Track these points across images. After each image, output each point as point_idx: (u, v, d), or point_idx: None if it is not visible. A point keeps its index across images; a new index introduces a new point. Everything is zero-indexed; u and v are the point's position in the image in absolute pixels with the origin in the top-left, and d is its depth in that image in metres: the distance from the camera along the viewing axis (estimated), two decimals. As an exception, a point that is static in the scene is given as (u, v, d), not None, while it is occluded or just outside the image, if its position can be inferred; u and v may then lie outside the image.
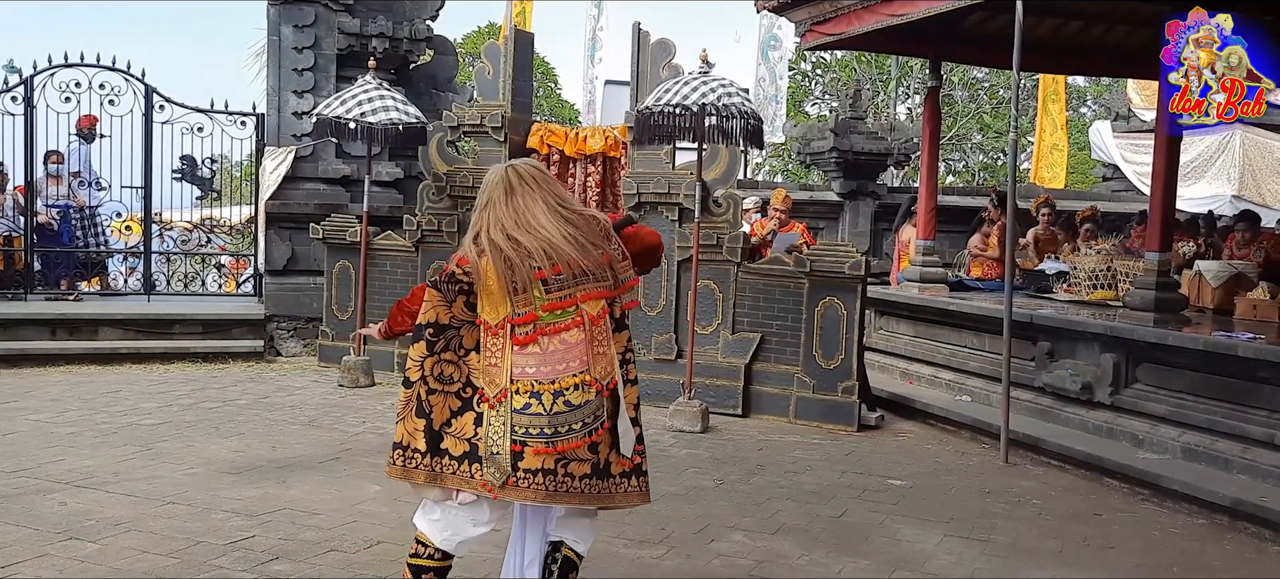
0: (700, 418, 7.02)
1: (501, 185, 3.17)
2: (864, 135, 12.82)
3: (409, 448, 3.14)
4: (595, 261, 3.12)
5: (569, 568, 3.32)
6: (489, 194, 3.19)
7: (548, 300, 3.08)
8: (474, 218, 3.22)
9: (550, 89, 29.07)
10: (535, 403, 3.04)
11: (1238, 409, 5.81)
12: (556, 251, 3.08)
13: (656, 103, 6.92)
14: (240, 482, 5.34)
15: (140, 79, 10.21)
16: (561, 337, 3.09)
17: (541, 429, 3.03)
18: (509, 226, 3.09)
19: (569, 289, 3.09)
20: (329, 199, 10.02)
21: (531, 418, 3.04)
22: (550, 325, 3.09)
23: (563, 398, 3.04)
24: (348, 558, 4.22)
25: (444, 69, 11.09)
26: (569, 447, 3.06)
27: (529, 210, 3.12)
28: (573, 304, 3.10)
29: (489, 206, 3.17)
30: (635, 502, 3.25)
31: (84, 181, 10.53)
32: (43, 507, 4.77)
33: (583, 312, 3.10)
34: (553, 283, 3.07)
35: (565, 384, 3.06)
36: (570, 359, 3.07)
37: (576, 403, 3.05)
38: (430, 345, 3.14)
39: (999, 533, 4.98)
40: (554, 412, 3.03)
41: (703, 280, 7.56)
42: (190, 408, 7.21)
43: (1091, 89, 27.74)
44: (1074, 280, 8.49)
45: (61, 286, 10.29)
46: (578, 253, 3.09)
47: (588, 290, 3.11)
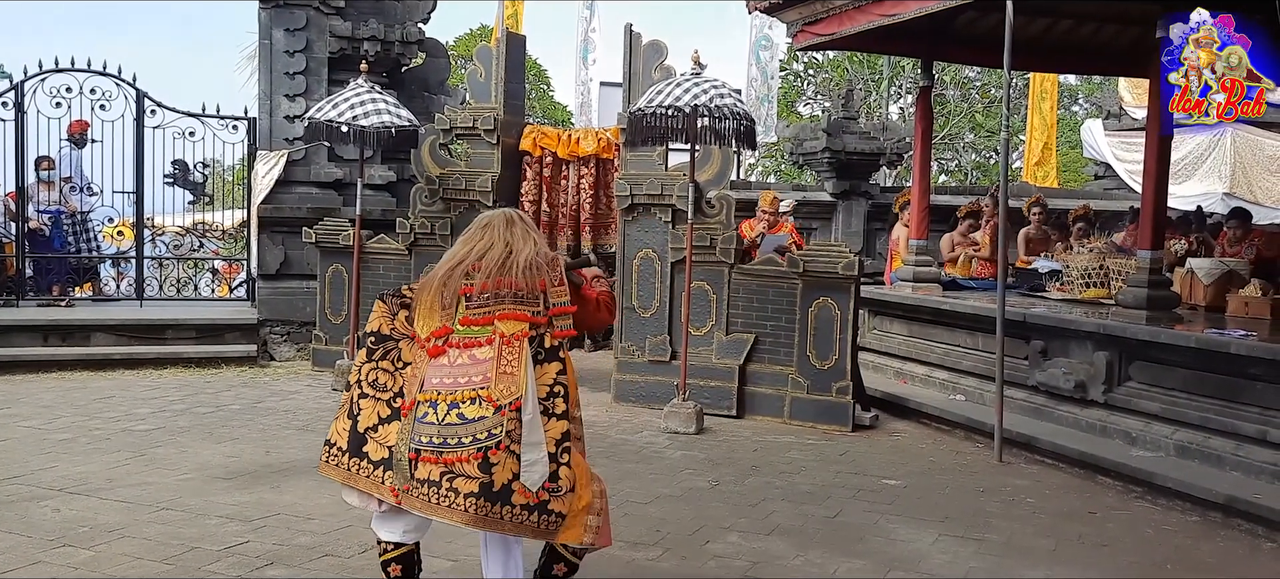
0: (695, 419, 7.02)
1: (504, 217, 3.40)
2: (856, 135, 12.83)
3: (334, 445, 3.29)
4: (528, 284, 3.23)
5: (553, 558, 3.44)
6: (490, 220, 3.39)
7: (466, 315, 3.20)
8: (468, 234, 3.39)
9: (542, 91, 29.05)
10: (431, 412, 3.12)
11: (1230, 406, 5.83)
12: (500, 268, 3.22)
13: (649, 104, 6.92)
14: (234, 487, 5.32)
15: (131, 84, 10.18)
16: (471, 351, 3.18)
17: (431, 439, 3.10)
18: (496, 247, 3.27)
19: (490, 307, 3.19)
20: (321, 203, 10.00)
21: (425, 427, 3.11)
22: (463, 339, 3.19)
23: (457, 410, 3.10)
24: (342, 563, 4.21)
25: (436, 72, 11.08)
26: (456, 459, 3.07)
27: (521, 240, 3.32)
28: (490, 321, 3.19)
29: (488, 228, 3.35)
30: (530, 535, 3.21)
31: (75, 187, 10.50)
32: (36, 513, 4.75)
33: (497, 330, 3.17)
34: (476, 299, 3.20)
35: (461, 397, 3.11)
36: (473, 373, 3.13)
37: (470, 417, 3.09)
38: (370, 352, 3.32)
39: (993, 532, 4.99)
40: (445, 422, 3.10)
41: (696, 282, 7.57)
42: (183, 413, 7.19)
43: (1083, 87, 27.82)
44: (1067, 279, 8.51)
45: (53, 292, 10.26)
46: (518, 272, 3.22)
47: (508, 310, 3.20)
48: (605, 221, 9.06)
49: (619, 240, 8.14)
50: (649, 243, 7.97)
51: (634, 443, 6.67)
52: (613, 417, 7.50)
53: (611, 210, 8.58)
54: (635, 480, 5.70)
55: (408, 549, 3.39)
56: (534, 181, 9.42)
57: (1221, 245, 9.21)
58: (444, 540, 3.95)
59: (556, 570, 3.46)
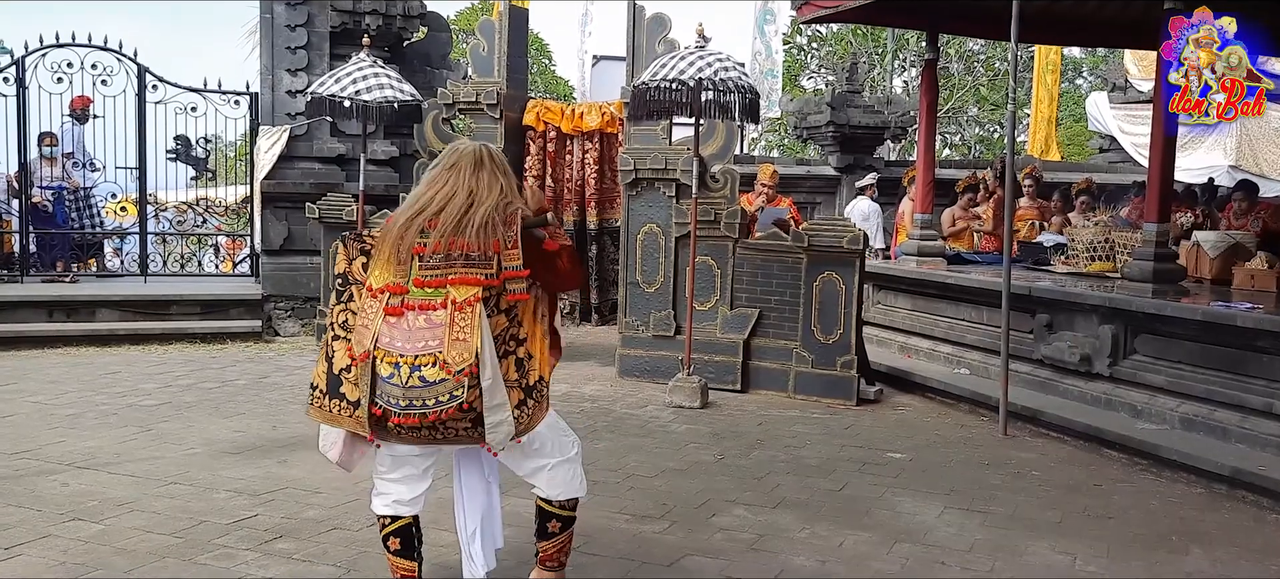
0: (699, 394, 7.03)
1: (473, 156, 3.30)
2: (860, 109, 12.79)
3: (316, 388, 3.30)
4: (481, 246, 3.14)
5: (545, 518, 3.50)
6: (458, 160, 3.29)
7: (419, 276, 3.14)
8: (431, 174, 3.31)
9: (544, 66, 28.93)
10: (396, 373, 3.10)
11: (1236, 379, 5.83)
12: (454, 230, 3.13)
13: (653, 78, 6.88)
14: (241, 461, 5.34)
15: (133, 59, 10.15)
16: (427, 314, 3.13)
17: (397, 400, 3.10)
18: (458, 196, 3.19)
19: (441, 270, 3.13)
20: (324, 178, 9.98)
21: (391, 388, 3.11)
22: (418, 301, 3.14)
23: (418, 373, 3.09)
24: (351, 536, 4.23)
25: (438, 46, 11.03)
26: (422, 419, 3.10)
27: (488, 188, 3.23)
28: (442, 284, 3.13)
29: (454, 170, 3.27)
30: None
31: (78, 163, 10.49)
32: (45, 488, 4.77)
33: (449, 295, 3.12)
34: (428, 260, 3.14)
35: (423, 361, 3.10)
36: (429, 337, 3.10)
37: (431, 379, 3.08)
38: (339, 295, 3.34)
39: (998, 504, 5.01)
40: (409, 385, 3.09)
41: (701, 256, 7.56)
42: (189, 389, 7.20)
43: (1088, 60, 27.68)
44: (1072, 252, 8.49)
45: (57, 268, 10.27)
46: (471, 234, 3.13)
47: (459, 275, 3.13)
48: (609, 196, 9.04)
49: (623, 215, 8.12)
50: (653, 217, 7.96)
51: (639, 417, 6.69)
52: (617, 391, 7.51)
53: (615, 185, 8.55)
54: (640, 454, 5.71)
55: (405, 522, 3.40)
56: (538, 156, 9.39)
57: (1227, 218, 9.18)
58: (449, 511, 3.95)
59: (551, 528, 3.51)
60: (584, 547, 4.16)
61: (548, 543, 3.53)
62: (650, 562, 4.03)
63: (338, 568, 3.87)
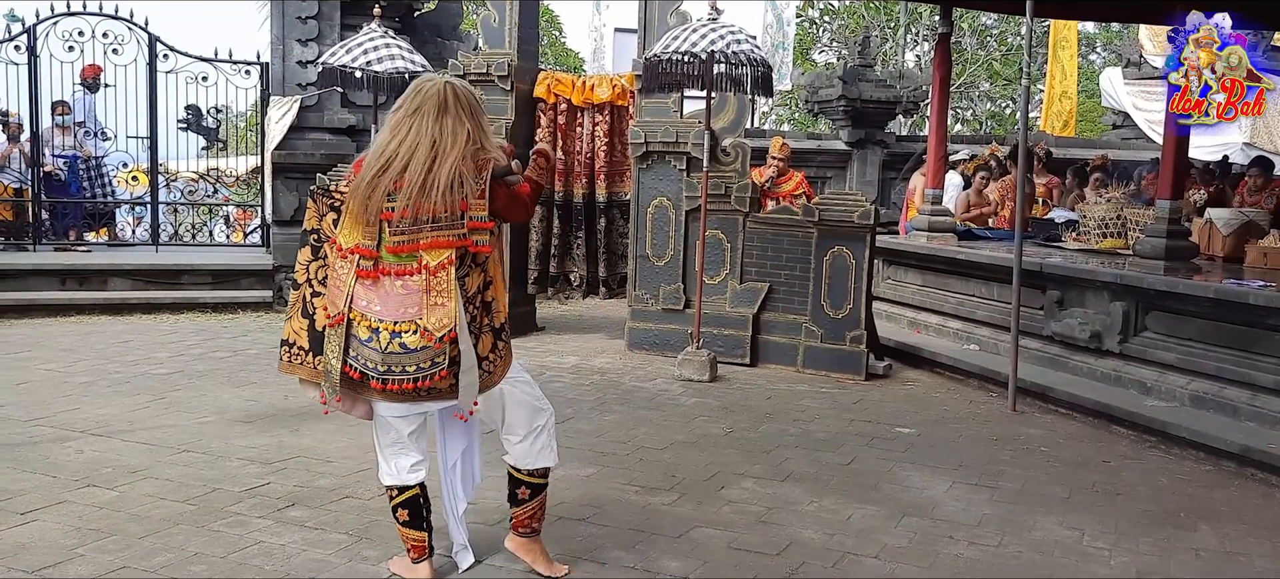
0: (708, 367, 7.04)
1: (437, 99, 3.16)
2: (872, 83, 12.72)
3: (294, 345, 3.29)
4: (449, 207, 3.06)
5: (515, 485, 3.52)
6: (421, 103, 3.17)
7: (391, 242, 3.08)
8: (394, 119, 3.20)
9: (554, 37, 28.79)
10: (374, 339, 3.08)
11: (1247, 357, 5.82)
12: (420, 193, 3.04)
13: (665, 50, 6.86)
14: (253, 430, 5.38)
15: (143, 28, 10.14)
16: (403, 280, 3.08)
17: (375, 366, 3.08)
18: (420, 149, 3.08)
19: (411, 235, 3.06)
20: (335, 149, 9.98)
21: (369, 352, 3.08)
22: (392, 266, 3.09)
23: (399, 339, 3.06)
24: (362, 505, 4.26)
25: (448, 17, 11.00)
26: (401, 386, 3.08)
27: (452, 137, 3.12)
28: (414, 249, 3.07)
29: (416, 116, 3.15)
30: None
31: (90, 132, 10.51)
32: (60, 454, 4.82)
33: (423, 261, 3.07)
34: (397, 225, 3.07)
35: (403, 327, 3.07)
36: (407, 304, 3.07)
37: (412, 346, 3.05)
38: (314, 250, 3.27)
39: (1007, 479, 5.02)
40: (388, 350, 3.06)
41: (711, 230, 7.55)
42: (201, 357, 7.25)
43: (1102, 35, 27.44)
44: (1084, 229, 8.46)
45: (69, 237, 10.31)
46: (437, 197, 3.04)
47: (429, 238, 3.06)
48: (619, 169, 9.01)
49: (633, 188, 8.11)
50: (663, 191, 7.94)
51: (647, 390, 6.71)
52: (626, 364, 7.53)
53: (626, 158, 8.53)
54: (649, 427, 5.73)
55: (412, 492, 3.41)
56: (548, 128, 9.35)
57: (1241, 195, 9.13)
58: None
59: (520, 494, 3.51)
60: (593, 518, 4.19)
61: (520, 509, 3.54)
62: (659, 533, 4.06)
63: (350, 536, 3.91)
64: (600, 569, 3.67)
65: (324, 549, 3.76)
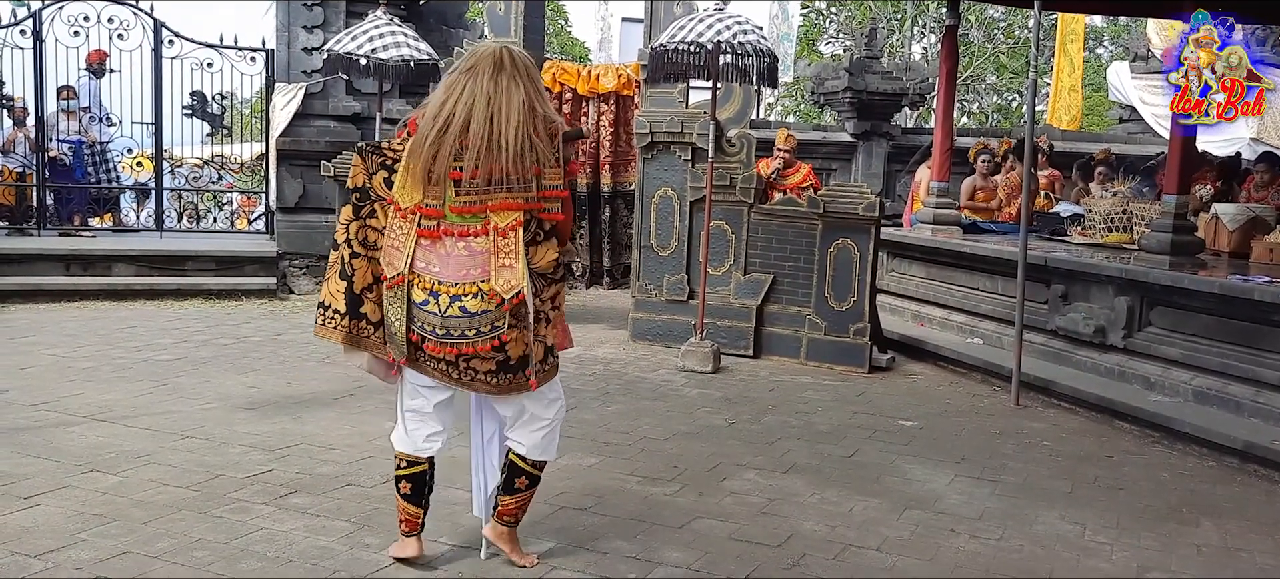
0: (712, 358, 7.04)
1: (492, 60, 3.12)
2: (878, 75, 12.67)
3: (330, 308, 3.25)
4: (521, 171, 3.02)
5: (515, 473, 3.40)
6: (475, 63, 3.13)
7: (457, 203, 3.04)
8: (448, 79, 3.16)
9: (560, 27, 28.74)
10: (433, 301, 3.05)
11: (1251, 352, 5.80)
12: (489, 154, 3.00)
13: (670, 40, 6.84)
14: (256, 417, 5.39)
15: (149, 13, 10.13)
16: (467, 242, 3.05)
17: (434, 328, 3.05)
18: (478, 106, 3.03)
19: (480, 196, 3.02)
20: (340, 136, 9.98)
21: (427, 315, 3.06)
22: (456, 227, 3.06)
23: (459, 302, 3.03)
24: (365, 492, 4.26)
25: (454, 5, 10.99)
26: (459, 351, 3.06)
27: (506, 97, 3.06)
28: (482, 210, 3.03)
29: (471, 73, 3.10)
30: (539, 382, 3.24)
31: (95, 117, 10.51)
32: (63, 439, 4.83)
33: (491, 221, 3.03)
34: (466, 186, 3.03)
35: (464, 290, 3.03)
36: (470, 266, 3.03)
37: (472, 310, 3.02)
38: (356, 209, 3.23)
39: (1010, 473, 5.01)
40: (448, 314, 3.03)
41: (715, 221, 7.54)
42: (205, 344, 7.26)
43: (1109, 29, 27.34)
44: (1089, 223, 8.44)
45: (74, 223, 10.32)
46: (509, 160, 2.99)
47: (500, 200, 3.03)
48: (624, 159, 9.00)
49: (638, 178, 8.10)
50: (668, 181, 7.93)
51: (651, 381, 6.71)
52: (630, 354, 7.52)
53: (630, 148, 8.52)
54: (652, 418, 5.73)
55: (420, 467, 3.38)
56: (553, 118, 9.36)
57: (1247, 191, 9.09)
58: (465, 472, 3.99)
59: (518, 483, 3.42)
60: (595, 507, 4.20)
61: (511, 498, 3.44)
62: (661, 523, 4.06)
63: (351, 523, 3.91)
64: (601, 559, 3.67)
65: (326, 536, 3.77)
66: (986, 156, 9.99)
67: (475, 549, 3.64)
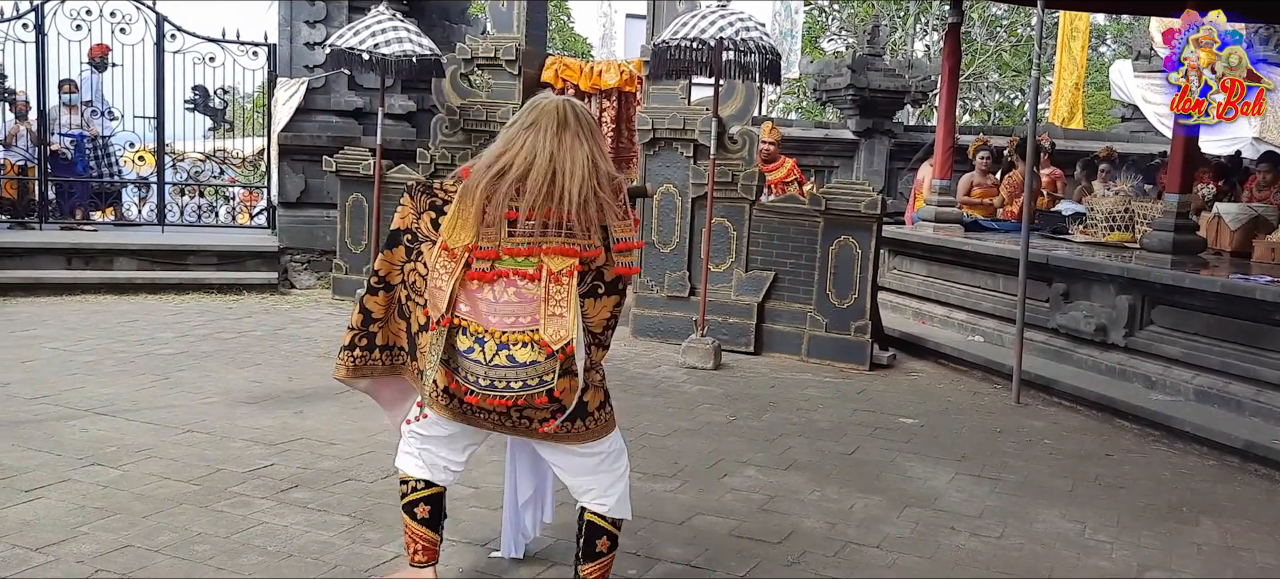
0: (712, 355, 7.04)
1: (556, 115, 2.94)
2: (881, 73, 12.68)
3: (395, 348, 3.19)
4: (584, 220, 2.85)
5: (595, 534, 3.11)
6: (537, 117, 2.96)
7: (510, 244, 2.87)
8: (509, 133, 2.99)
9: (562, 22, 28.71)
10: (478, 349, 2.86)
11: (1252, 352, 5.80)
12: (548, 199, 2.85)
13: (673, 36, 6.84)
14: (258, 411, 5.39)
15: (151, 7, 10.12)
16: (518, 286, 2.87)
17: (477, 379, 2.87)
18: (539, 161, 2.87)
19: (535, 238, 2.86)
20: (342, 132, 9.98)
21: (471, 363, 2.88)
22: (509, 270, 2.88)
23: (506, 351, 2.84)
24: (366, 488, 4.27)
25: (457, 1, 10.96)
26: (500, 403, 2.88)
27: (570, 154, 2.90)
28: (535, 253, 2.86)
29: (533, 129, 2.94)
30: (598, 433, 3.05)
31: (96, 111, 10.50)
32: (64, 433, 4.83)
33: (544, 265, 2.85)
34: (522, 227, 2.86)
35: (512, 338, 2.85)
36: (520, 313, 2.86)
37: (521, 361, 2.83)
38: (408, 251, 3.11)
39: (1010, 471, 5.01)
40: (493, 363, 2.85)
41: (717, 218, 7.54)
42: (206, 338, 7.26)
43: (1112, 27, 27.31)
44: (1090, 222, 8.44)
45: (75, 216, 10.32)
46: (571, 209, 2.84)
47: (555, 245, 2.86)
48: (626, 155, 9.01)
49: (640, 175, 8.10)
50: (670, 177, 7.93)
51: (652, 377, 6.71)
52: (631, 351, 7.53)
53: (633, 144, 8.52)
54: (653, 414, 5.74)
55: (438, 490, 3.21)
56: (555, 114, 9.36)
57: (1250, 190, 9.08)
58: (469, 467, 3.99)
59: (599, 545, 3.11)
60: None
61: (593, 565, 3.12)
62: (662, 520, 4.06)
63: (352, 518, 3.91)
64: (602, 555, 3.67)
65: (326, 531, 3.77)
66: (986, 153, 9.98)
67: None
